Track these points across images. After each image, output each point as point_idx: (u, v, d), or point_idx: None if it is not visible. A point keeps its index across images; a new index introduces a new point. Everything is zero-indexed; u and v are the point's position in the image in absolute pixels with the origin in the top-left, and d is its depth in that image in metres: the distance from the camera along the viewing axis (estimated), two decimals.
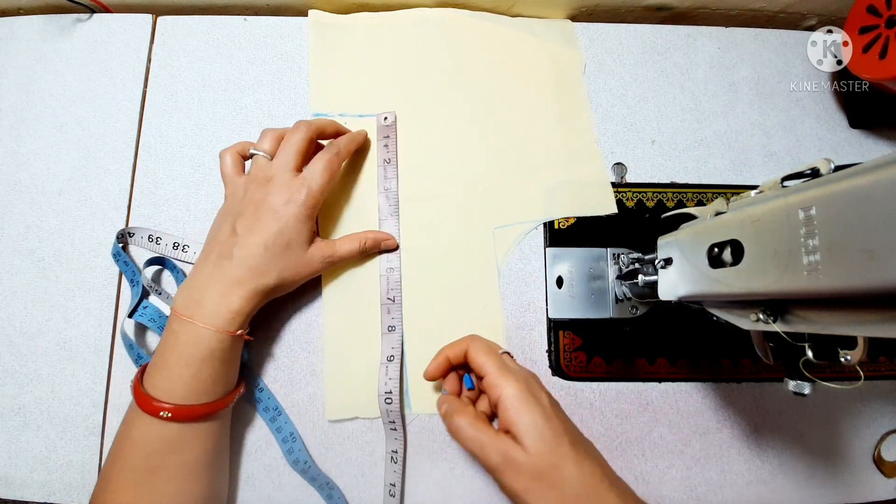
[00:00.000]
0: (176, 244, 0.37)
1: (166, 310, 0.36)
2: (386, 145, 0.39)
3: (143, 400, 0.29)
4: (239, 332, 0.31)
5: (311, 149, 0.35)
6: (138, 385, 0.30)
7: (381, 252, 0.38)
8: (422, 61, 0.42)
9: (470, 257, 0.39)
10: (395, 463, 0.34)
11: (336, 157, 0.35)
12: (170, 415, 0.28)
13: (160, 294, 0.36)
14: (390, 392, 0.34)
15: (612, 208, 0.40)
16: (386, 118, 0.40)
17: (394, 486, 0.34)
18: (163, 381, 0.29)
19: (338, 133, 0.37)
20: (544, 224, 0.40)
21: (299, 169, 0.33)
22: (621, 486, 0.30)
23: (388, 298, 0.37)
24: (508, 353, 0.34)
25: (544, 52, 0.43)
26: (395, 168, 0.39)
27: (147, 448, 0.29)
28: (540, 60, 0.43)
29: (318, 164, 0.33)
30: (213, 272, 0.31)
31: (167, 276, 0.38)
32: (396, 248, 0.38)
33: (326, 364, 0.37)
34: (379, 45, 0.42)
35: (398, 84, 0.42)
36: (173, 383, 0.29)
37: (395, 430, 0.35)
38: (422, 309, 0.38)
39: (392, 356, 0.36)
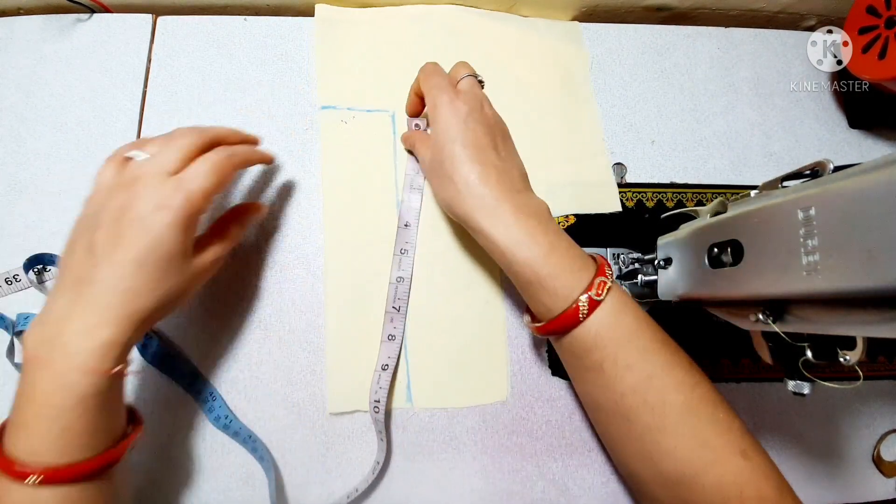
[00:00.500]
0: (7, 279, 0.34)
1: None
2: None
3: (5, 464, 0.23)
4: (116, 368, 0.24)
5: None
6: None
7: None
8: (428, 57, 0.42)
9: (473, 253, 0.39)
10: (373, 473, 0.34)
11: (228, 160, 0.29)
12: (40, 479, 0.23)
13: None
14: (379, 401, 0.34)
15: (616, 206, 0.40)
16: (417, 125, 0.38)
17: (357, 490, 0.34)
18: (24, 441, 0.23)
19: (244, 142, 0.33)
20: None
21: (178, 167, 0.27)
22: (517, 198, 0.30)
23: (394, 307, 0.36)
24: (475, 77, 0.34)
25: (550, 49, 0.43)
26: (422, 178, 0.39)
27: None
28: (545, 57, 0.43)
29: (204, 163, 0.27)
30: (73, 302, 0.25)
31: None
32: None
33: (327, 356, 0.37)
34: (385, 40, 0.43)
35: (405, 80, 0.41)
36: (37, 442, 0.23)
37: (382, 440, 0.34)
38: (424, 302, 0.38)
39: (387, 365, 0.35)
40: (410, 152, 0.39)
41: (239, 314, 0.37)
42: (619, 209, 0.40)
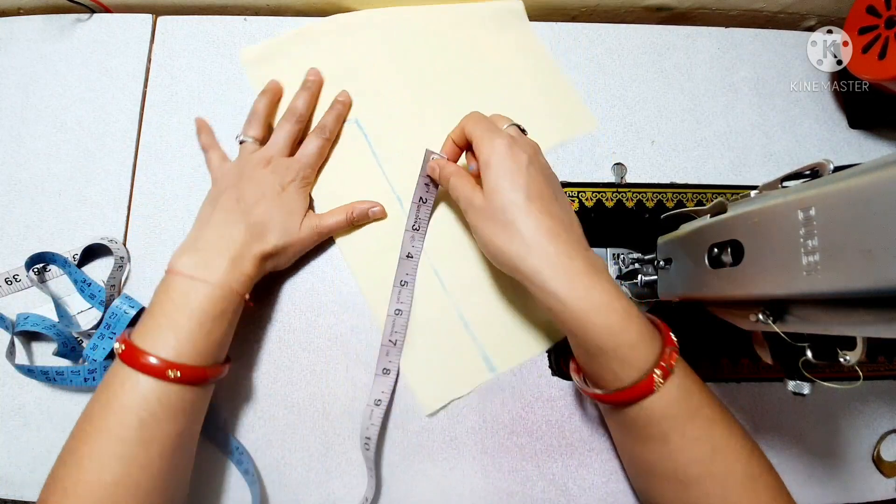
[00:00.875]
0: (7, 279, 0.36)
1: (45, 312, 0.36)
2: (427, 184, 0.37)
3: (146, 360, 0.27)
4: (247, 295, 0.32)
5: (301, 134, 0.38)
6: (134, 345, 0.28)
7: (370, 221, 0.38)
8: (366, 55, 0.42)
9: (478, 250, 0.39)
10: None
11: (326, 141, 0.38)
12: (179, 374, 0.27)
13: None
14: (369, 438, 0.34)
15: (594, 124, 0.42)
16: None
17: None
18: (170, 341, 0.28)
19: (313, 102, 0.40)
20: None
21: (292, 153, 0.37)
22: (587, 256, 0.28)
23: (390, 340, 0.36)
24: (518, 126, 0.33)
25: (480, 9, 0.44)
26: (429, 208, 0.38)
27: (143, 415, 0.27)
28: (477, 13, 0.43)
29: (311, 146, 0.37)
30: (222, 236, 0.32)
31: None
32: (384, 216, 0.39)
33: (404, 364, 0.37)
34: (319, 54, 0.42)
35: (353, 84, 0.41)
36: (183, 343, 0.28)
37: (372, 476, 0.34)
38: (463, 274, 0.38)
39: (380, 400, 0.35)
40: (431, 183, 0.36)
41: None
42: (597, 126, 0.42)
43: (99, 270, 0.38)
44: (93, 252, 0.38)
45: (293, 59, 0.42)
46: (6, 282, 0.37)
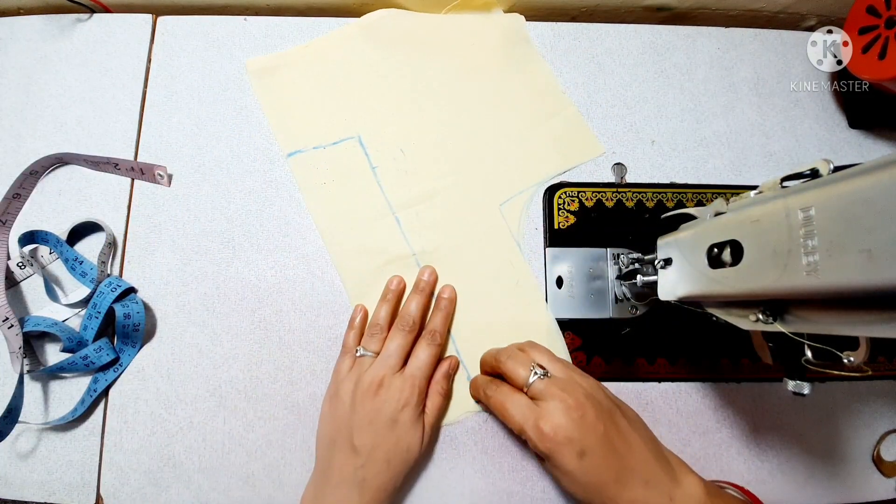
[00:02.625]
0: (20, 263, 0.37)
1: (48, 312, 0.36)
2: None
3: None
4: None
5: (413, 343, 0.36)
6: None
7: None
8: (372, 71, 0.42)
9: (486, 240, 0.39)
10: None
11: (438, 348, 0.35)
12: None
13: (33, 265, 0.37)
14: None
15: (599, 149, 0.41)
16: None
17: None
18: None
19: (426, 306, 0.37)
20: (544, 223, 0.40)
21: (403, 364, 0.34)
22: (677, 493, 0.28)
23: None
24: (539, 376, 0.31)
25: (484, 25, 0.44)
26: None
27: None
28: (483, 35, 0.43)
29: (423, 357, 0.35)
30: (342, 499, 0.31)
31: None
32: (457, 363, 0.37)
33: None
34: (327, 68, 0.42)
35: (358, 99, 0.41)
36: None
37: None
38: (460, 298, 0.38)
39: None
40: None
41: (239, 314, 0.37)
42: (603, 152, 0.41)
43: (89, 250, 0.38)
44: (81, 232, 0.38)
45: (298, 72, 0.42)
46: (19, 266, 0.37)
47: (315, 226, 0.39)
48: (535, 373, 0.31)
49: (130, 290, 0.37)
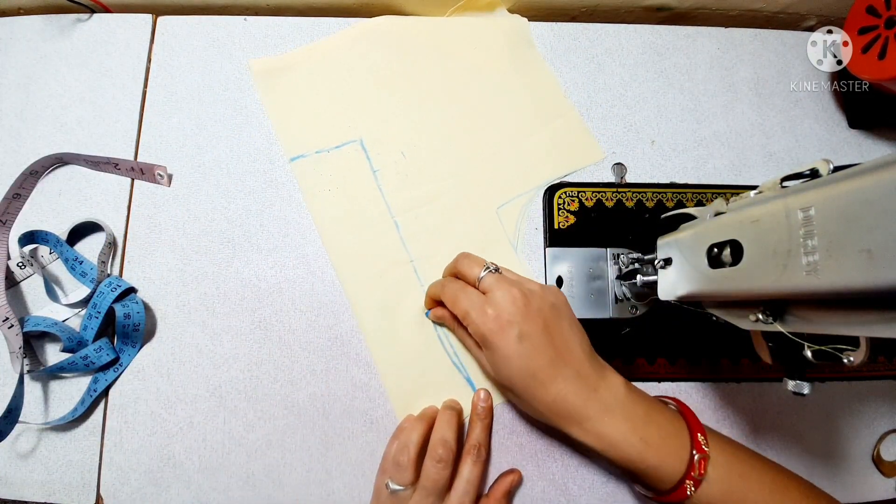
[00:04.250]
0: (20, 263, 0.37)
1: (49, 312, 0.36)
2: None
3: None
4: None
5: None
6: None
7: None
8: (376, 73, 0.42)
9: (484, 244, 0.39)
10: None
11: (484, 464, 0.34)
12: None
13: (33, 265, 0.37)
14: None
15: (598, 155, 0.41)
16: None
17: None
18: None
19: (460, 423, 0.35)
20: (544, 223, 0.40)
21: (443, 497, 0.32)
22: (598, 396, 0.30)
23: None
24: (491, 270, 0.32)
25: (487, 29, 0.44)
26: None
27: None
28: (487, 39, 0.43)
29: (469, 475, 0.32)
30: None
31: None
32: (521, 477, 0.36)
33: (380, 375, 0.37)
34: (330, 71, 0.42)
35: (361, 102, 0.41)
36: None
37: None
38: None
39: None
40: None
41: (239, 314, 0.37)
42: (603, 156, 0.41)
43: (89, 250, 0.38)
44: (81, 232, 0.38)
45: (302, 74, 0.42)
46: (19, 266, 0.37)
47: (317, 230, 0.39)
48: (488, 268, 0.33)
49: (130, 290, 0.37)
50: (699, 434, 0.30)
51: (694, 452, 0.29)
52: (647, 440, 0.29)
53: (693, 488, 0.28)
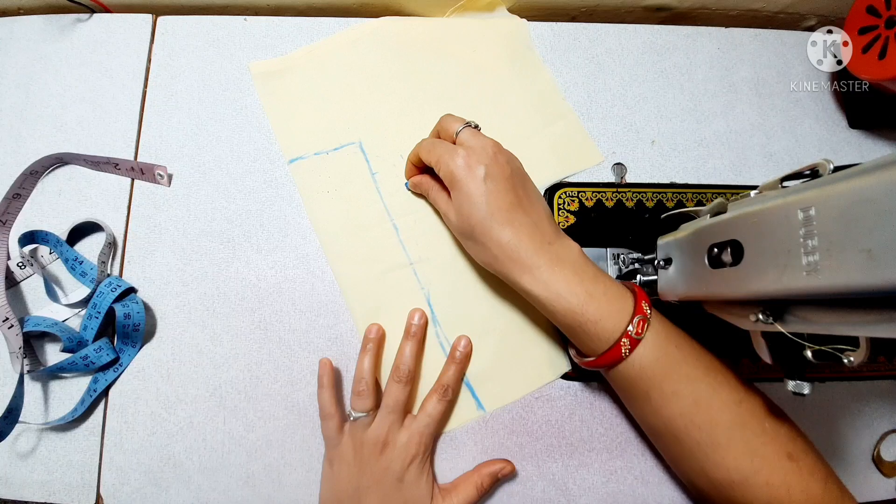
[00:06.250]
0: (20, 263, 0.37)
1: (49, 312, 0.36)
2: None
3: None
4: None
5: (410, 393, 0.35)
6: None
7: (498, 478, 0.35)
8: (375, 76, 0.42)
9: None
10: None
11: (449, 404, 0.35)
12: None
13: (33, 265, 0.37)
14: None
15: (598, 157, 0.41)
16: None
17: None
18: None
19: (421, 349, 0.36)
20: None
21: (404, 417, 0.34)
22: (550, 249, 0.31)
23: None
24: (472, 126, 0.34)
25: (488, 31, 0.44)
26: None
27: None
28: (488, 41, 0.43)
29: (432, 411, 0.34)
30: None
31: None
32: (514, 473, 0.35)
33: (380, 375, 0.37)
34: (330, 73, 0.42)
35: (360, 104, 0.41)
36: None
37: None
38: (456, 307, 0.38)
39: None
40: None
41: (239, 314, 0.37)
42: (602, 160, 0.41)
43: (89, 250, 0.38)
44: (81, 232, 0.38)
45: (301, 76, 0.42)
46: (19, 266, 0.37)
47: (315, 233, 0.39)
48: (468, 124, 0.34)
49: (130, 290, 0.37)
50: (644, 301, 0.30)
51: (635, 314, 0.29)
52: (591, 293, 0.30)
53: (629, 349, 0.29)
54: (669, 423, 0.30)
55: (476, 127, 0.34)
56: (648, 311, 0.30)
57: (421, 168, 0.37)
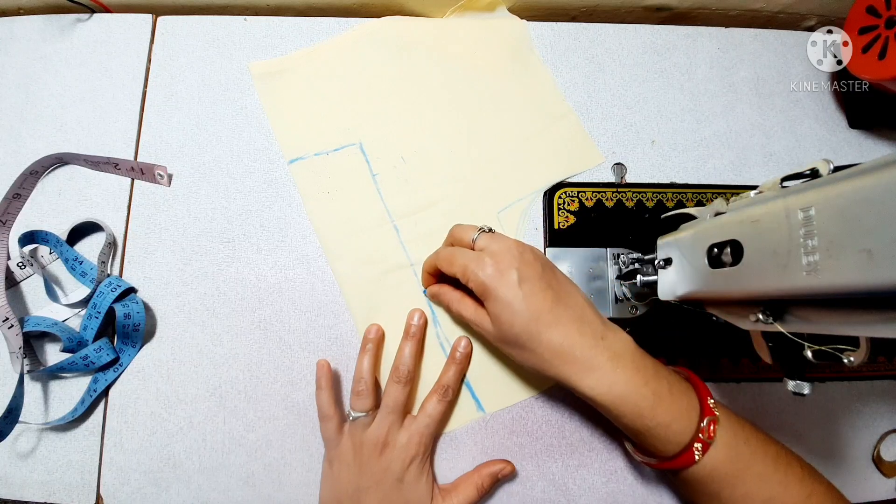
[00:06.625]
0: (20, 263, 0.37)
1: (49, 312, 0.36)
2: None
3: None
4: None
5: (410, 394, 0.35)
6: None
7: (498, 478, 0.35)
8: (375, 77, 0.42)
9: None
10: None
11: (448, 405, 0.35)
12: None
13: (33, 265, 0.37)
14: None
15: (598, 158, 0.41)
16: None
17: None
18: None
19: (420, 349, 0.36)
20: (544, 223, 0.40)
21: (403, 417, 0.34)
22: (606, 345, 0.29)
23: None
24: (486, 230, 0.33)
25: (488, 30, 0.44)
26: None
27: None
28: (488, 41, 0.43)
29: (432, 411, 0.34)
30: None
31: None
32: (515, 474, 0.35)
33: (380, 377, 0.37)
34: (330, 73, 0.42)
35: (360, 105, 0.41)
36: None
37: None
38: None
39: None
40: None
41: (239, 314, 0.37)
42: (603, 160, 0.41)
43: (89, 250, 0.38)
44: (81, 232, 0.38)
45: (301, 77, 0.42)
46: (19, 266, 0.37)
47: (315, 233, 0.39)
48: (481, 229, 0.33)
49: (130, 290, 0.37)
50: (709, 397, 0.29)
51: (704, 414, 0.28)
52: (658, 394, 0.28)
53: (701, 452, 0.27)
54: None
55: (490, 230, 0.33)
56: (716, 410, 0.29)
57: (437, 276, 0.36)
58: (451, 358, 0.36)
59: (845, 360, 0.22)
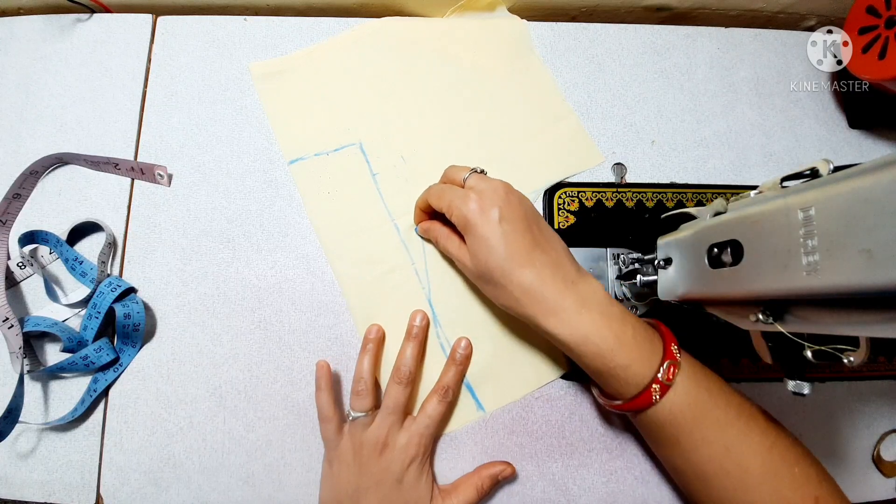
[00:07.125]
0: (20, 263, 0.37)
1: (49, 312, 0.36)
2: None
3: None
4: None
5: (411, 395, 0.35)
6: None
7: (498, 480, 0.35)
8: (375, 77, 0.42)
9: None
10: None
11: (448, 406, 0.35)
12: None
13: (33, 265, 0.37)
14: None
15: (598, 158, 0.41)
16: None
17: None
18: None
19: (422, 350, 0.36)
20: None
21: (404, 418, 0.34)
22: (575, 289, 0.30)
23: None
24: (478, 171, 0.33)
25: (489, 32, 0.44)
26: None
27: None
28: (488, 42, 0.43)
29: (432, 412, 0.34)
30: None
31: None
32: (515, 475, 0.35)
33: (381, 376, 0.37)
34: (330, 74, 0.42)
35: (360, 105, 0.41)
36: None
37: None
38: (457, 308, 0.38)
39: None
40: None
41: (239, 314, 0.37)
42: (603, 160, 0.41)
43: (89, 250, 0.38)
44: (81, 232, 0.38)
45: (301, 77, 0.42)
46: (19, 266, 0.37)
47: (315, 233, 0.39)
48: (473, 170, 0.33)
49: (130, 290, 0.37)
50: (673, 344, 0.30)
51: (665, 358, 0.29)
52: (620, 338, 0.29)
53: (659, 394, 0.28)
54: (698, 469, 0.29)
55: (482, 172, 0.34)
56: (678, 355, 0.29)
57: (430, 213, 0.37)
58: (451, 359, 0.36)
59: (845, 360, 0.22)
